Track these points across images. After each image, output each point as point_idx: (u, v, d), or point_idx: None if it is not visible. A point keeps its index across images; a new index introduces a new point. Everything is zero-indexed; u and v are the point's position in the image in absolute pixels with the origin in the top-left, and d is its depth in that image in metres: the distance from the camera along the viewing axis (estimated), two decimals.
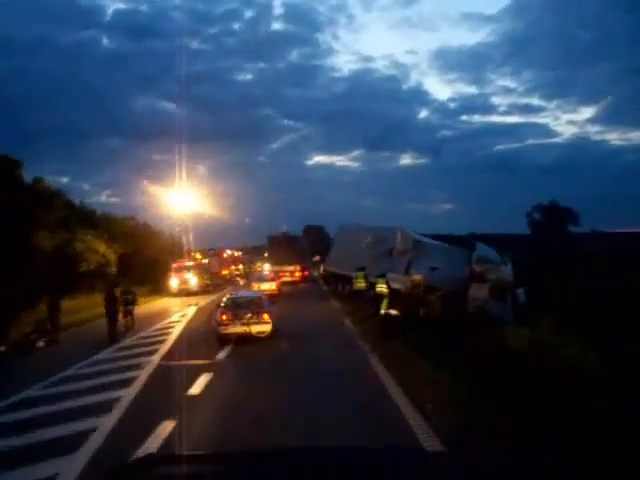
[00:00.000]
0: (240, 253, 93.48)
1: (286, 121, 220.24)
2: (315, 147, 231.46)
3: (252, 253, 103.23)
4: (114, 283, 31.53)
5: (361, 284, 30.21)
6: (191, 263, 51.02)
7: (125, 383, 15.07)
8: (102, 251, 43.89)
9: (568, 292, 28.29)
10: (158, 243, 60.16)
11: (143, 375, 16.09)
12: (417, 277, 27.47)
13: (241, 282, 63.83)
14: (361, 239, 37.21)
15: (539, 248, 69.52)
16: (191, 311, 34.10)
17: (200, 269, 52.55)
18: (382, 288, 27.35)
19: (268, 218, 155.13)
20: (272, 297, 28.36)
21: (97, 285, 41.79)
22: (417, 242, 30.26)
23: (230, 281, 65.60)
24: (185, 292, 47.48)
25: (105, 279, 39.33)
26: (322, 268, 56.02)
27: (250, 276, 64.27)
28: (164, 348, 20.72)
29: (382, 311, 25.69)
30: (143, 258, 53.53)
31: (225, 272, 68.27)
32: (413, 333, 19.69)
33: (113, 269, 45.46)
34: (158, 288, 50.41)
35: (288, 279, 56.28)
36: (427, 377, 13.31)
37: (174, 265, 49.20)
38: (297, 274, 59.53)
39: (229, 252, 76.15)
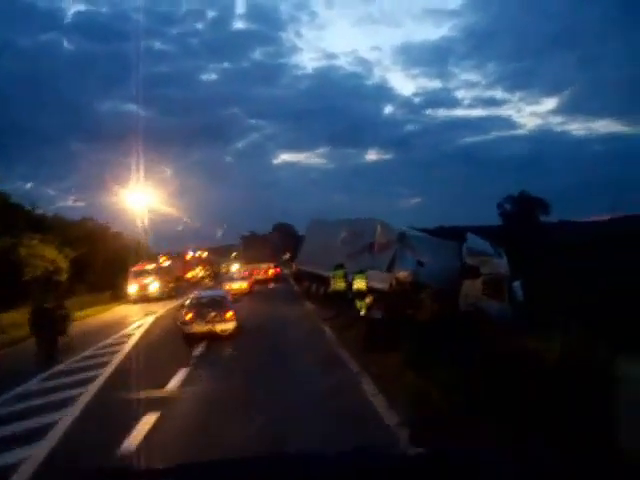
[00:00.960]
0: (206, 254, 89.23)
1: (252, 120, 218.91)
2: (281, 145, 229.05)
3: (220, 253, 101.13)
4: (55, 294, 27.67)
5: (340, 284, 26.65)
6: (151, 266, 47.11)
7: (35, 435, 11.12)
8: (51, 257, 39.82)
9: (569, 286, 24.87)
10: (119, 246, 55.75)
11: (64, 421, 12.07)
12: (403, 274, 24.83)
13: (209, 284, 59.73)
14: (335, 234, 34.00)
15: (511, 238, 67.38)
16: (148, 321, 30.36)
17: (162, 273, 48.72)
18: (361, 285, 24.62)
19: (235, 218, 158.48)
20: (243, 295, 30.87)
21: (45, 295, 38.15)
22: (402, 235, 27.03)
23: (196, 284, 61.69)
24: (145, 298, 43.64)
25: (44, 288, 35.20)
26: (293, 267, 55.08)
27: (219, 277, 65.18)
28: (106, 373, 17.06)
29: (362, 312, 23.38)
30: (102, 262, 49.44)
31: (190, 274, 64.41)
32: (407, 342, 16.21)
33: (64, 276, 41.44)
34: (118, 294, 46.50)
35: (262, 277, 58.14)
36: (456, 422, 9.59)
37: (132, 269, 45.29)
38: (271, 271, 61.33)
39: (192, 253, 71.80)
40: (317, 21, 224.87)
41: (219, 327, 21.78)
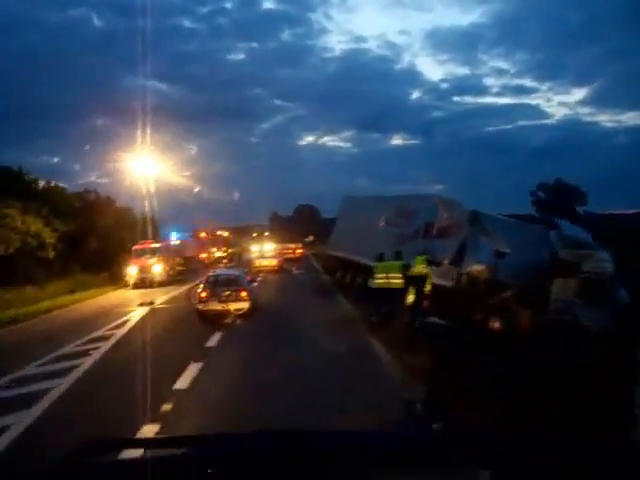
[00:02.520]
0: (227, 233, 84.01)
1: (278, 101, 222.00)
2: (306, 127, 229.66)
3: (242, 233, 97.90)
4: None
5: (395, 280, 19.76)
6: (157, 245, 40.64)
7: None
8: (34, 229, 33.41)
9: None
10: (124, 222, 49.15)
11: None
12: (476, 267, 18.70)
13: (227, 266, 53.33)
14: (378, 214, 27.42)
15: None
16: (139, 314, 23.86)
17: (170, 253, 42.36)
18: (421, 268, 19.27)
19: (259, 198, 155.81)
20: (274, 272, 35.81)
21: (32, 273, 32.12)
22: (474, 215, 20.17)
23: (211, 266, 55.32)
24: (148, 283, 37.27)
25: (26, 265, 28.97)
26: (322, 251, 51.19)
27: (239, 259, 64.37)
28: (50, 397, 10.98)
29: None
30: (101, 239, 43.37)
31: (203, 255, 57.69)
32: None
33: (50, 252, 35.09)
34: (118, 277, 40.33)
35: (290, 256, 63.47)
36: None
37: (134, 248, 39.00)
38: (298, 251, 69.54)
39: (209, 231, 64.94)
40: (347, 4, 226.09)
41: (233, 306, 21.72)
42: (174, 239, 50.33)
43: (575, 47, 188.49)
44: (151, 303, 26.98)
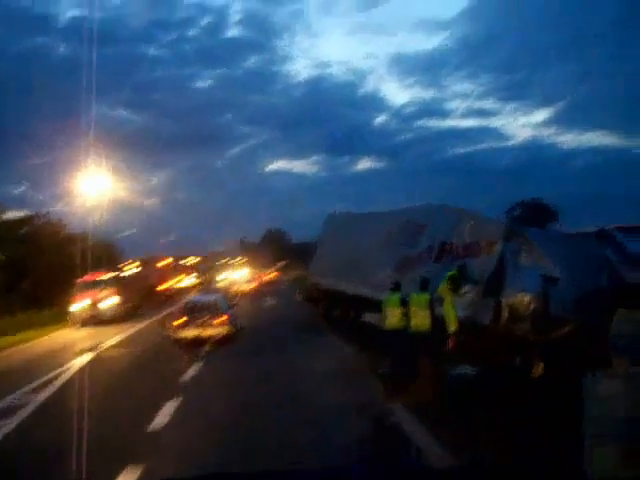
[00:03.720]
0: (197, 260, 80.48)
1: (245, 127, 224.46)
2: (274, 153, 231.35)
3: (210, 259, 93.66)
4: None
5: (420, 320, 14.39)
6: (108, 276, 35.17)
7: None
8: None
9: None
10: (76, 251, 43.50)
11: None
12: (522, 298, 13.97)
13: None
14: (374, 232, 22.37)
15: None
16: (75, 367, 18.41)
17: (124, 284, 36.87)
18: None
19: (227, 224, 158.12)
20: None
21: None
22: (513, 228, 15.36)
23: (175, 297, 50.11)
24: (96, 320, 31.75)
25: None
26: (295, 278, 53.24)
27: (209, 287, 59.97)
28: None
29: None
30: (47, 270, 37.83)
31: (165, 285, 51.73)
32: None
33: None
34: (64, 313, 34.60)
35: (266, 280, 66.58)
36: None
37: (81, 280, 33.48)
38: (272, 276, 71.31)
39: (173, 259, 59.45)
40: (311, 30, 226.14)
41: (211, 332, 21.38)
42: (131, 268, 44.87)
43: (538, 69, 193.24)
44: (94, 348, 21.52)
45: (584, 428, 7.39)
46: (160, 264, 54.21)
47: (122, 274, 40.01)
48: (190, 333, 21.19)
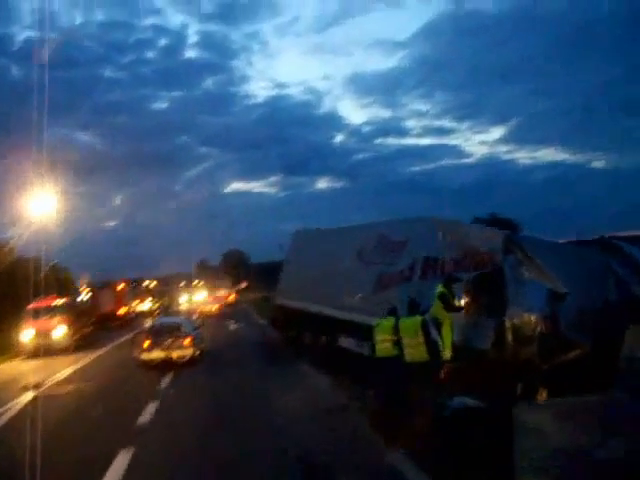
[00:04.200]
0: (155, 283, 79.64)
1: (203, 149, 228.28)
2: (232, 174, 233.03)
3: (169, 282, 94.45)
4: None
5: (413, 349, 12.48)
6: (60, 302, 32.75)
7: None
8: None
9: None
10: (27, 275, 40.92)
11: None
12: (528, 318, 12.51)
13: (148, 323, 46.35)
14: (348, 249, 20.45)
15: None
16: (14, 410, 16.04)
17: (77, 311, 34.56)
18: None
19: (186, 246, 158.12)
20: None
21: None
22: (512, 240, 13.71)
23: (133, 322, 47.87)
24: (47, 350, 29.17)
25: None
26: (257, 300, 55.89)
27: (168, 311, 59.46)
28: None
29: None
30: None
31: (122, 310, 49.40)
32: None
33: None
34: (12, 343, 31.98)
35: (225, 302, 66.10)
36: None
37: (29, 307, 31.07)
38: (231, 297, 71.11)
39: (132, 282, 57.08)
40: (268, 50, 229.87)
41: (176, 354, 21.57)
42: (85, 293, 42.50)
43: (491, 88, 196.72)
44: (39, 385, 19.13)
45: (515, 460, 7.22)
46: (116, 288, 51.75)
47: (75, 299, 37.70)
48: (156, 355, 21.42)
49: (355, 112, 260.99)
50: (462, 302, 13.51)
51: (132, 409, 14.72)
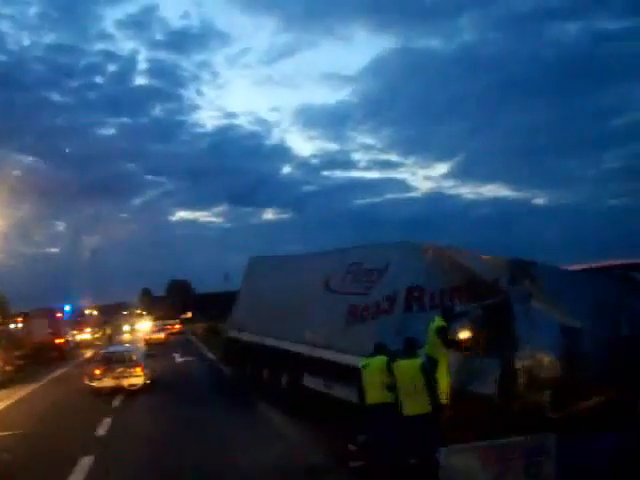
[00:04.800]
0: (96, 312, 75.95)
1: (149, 176, 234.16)
2: (178, 203, 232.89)
3: (112, 311, 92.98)
4: None
5: (418, 399, 10.11)
6: None
7: None
8: None
9: None
10: None
11: None
12: (542, 359, 10.63)
13: (88, 354, 43.95)
14: (314, 277, 18.21)
15: None
16: None
17: (10, 340, 31.64)
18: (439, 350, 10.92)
19: (129, 275, 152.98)
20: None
21: None
22: (521, 266, 11.81)
23: (71, 352, 45.09)
24: None
25: None
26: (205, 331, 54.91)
27: (111, 340, 60.57)
28: None
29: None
30: None
31: (60, 341, 45.37)
32: None
33: None
34: None
35: (171, 331, 65.74)
36: None
37: None
38: (177, 327, 71.19)
39: (70, 311, 53.61)
40: (218, 80, 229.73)
41: (127, 382, 21.86)
42: (20, 322, 39.53)
43: (437, 124, 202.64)
44: None
45: None
46: (54, 316, 48.48)
47: (7, 329, 34.75)
48: (107, 383, 21.75)
49: (303, 144, 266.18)
50: (461, 337, 11.49)
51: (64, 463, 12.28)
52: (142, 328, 72.33)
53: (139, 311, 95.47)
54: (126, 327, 77.02)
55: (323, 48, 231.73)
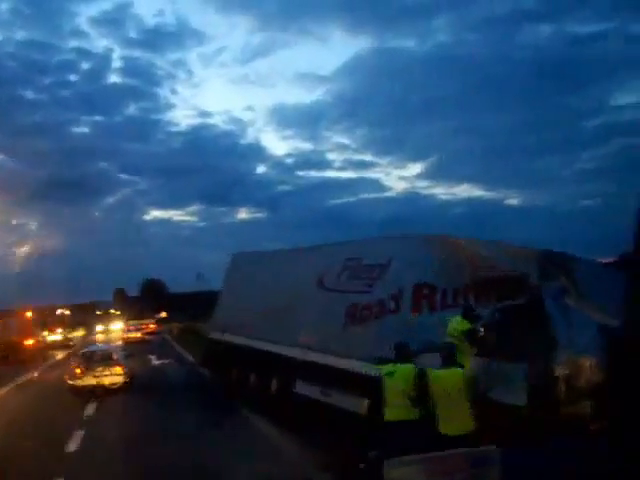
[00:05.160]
0: (68, 312, 74.42)
1: (123, 175, 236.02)
2: (152, 202, 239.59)
3: (84, 310, 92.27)
4: None
5: (460, 416, 8.52)
6: None
7: None
8: None
9: None
10: None
11: None
12: (582, 363, 9.27)
13: (59, 356, 42.31)
14: (306, 274, 16.75)
15: None
16: None
17: None
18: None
19: (102, 274, 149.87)
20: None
21: None
22: (550, 259, 10.42)
23: (41, 354, 43.64)
24: None
25: None
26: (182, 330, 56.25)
27: (85, 340, 61.28)
28: None
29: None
30: None
31: (29, 342, 43.55)
32: None
33: None
34: None
35: (146, 331, 64.32)
36: None
37: None
38: (152, 326, 68.59)
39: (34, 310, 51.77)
40: (193, 79, 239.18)
41: (108, 381, 21.82)
42: None
43: (411, 125, 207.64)
44: None
45: None
46: (23, 316, 46.52)
47: None
48: (88, 382, 21.60)
49: (278, 144, 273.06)
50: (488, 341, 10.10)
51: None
52: (116, 328, 72.14)
53: (113, 311, 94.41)
54: (99, 327, 76.14)
55: (298, 48, 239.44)
